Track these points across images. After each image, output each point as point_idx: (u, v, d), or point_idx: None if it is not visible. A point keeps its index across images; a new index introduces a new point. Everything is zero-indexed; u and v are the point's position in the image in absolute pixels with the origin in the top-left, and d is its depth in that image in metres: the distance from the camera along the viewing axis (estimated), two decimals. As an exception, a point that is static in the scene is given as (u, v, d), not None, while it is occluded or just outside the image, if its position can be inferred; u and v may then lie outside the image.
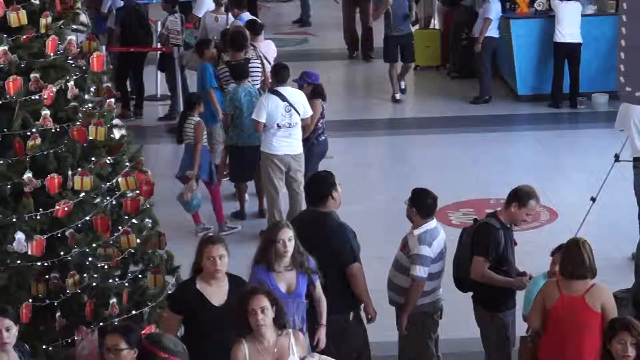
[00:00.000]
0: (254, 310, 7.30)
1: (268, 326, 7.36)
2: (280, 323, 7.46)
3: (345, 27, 21.29)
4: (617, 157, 12.42)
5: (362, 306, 9.33)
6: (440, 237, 9.26)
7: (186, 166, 13.25)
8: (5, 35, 8.93)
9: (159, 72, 18.63)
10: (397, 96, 18.24)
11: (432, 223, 9.26)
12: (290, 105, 12.91)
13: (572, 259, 8.36)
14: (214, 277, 8.15)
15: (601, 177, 12.50)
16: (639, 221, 12.26)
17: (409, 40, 17.94)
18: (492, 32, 18.12)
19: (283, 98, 12.91)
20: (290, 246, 8.47)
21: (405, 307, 9.22)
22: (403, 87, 18.11)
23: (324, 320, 8.83)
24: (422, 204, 9.26)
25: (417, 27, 19.82)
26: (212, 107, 14.50)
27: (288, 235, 8.45)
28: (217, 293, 8.15)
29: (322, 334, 8.80)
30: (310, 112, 13.17)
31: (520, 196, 9.23)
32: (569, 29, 17.54)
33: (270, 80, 14.11)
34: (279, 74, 13.26)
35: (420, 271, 9.09)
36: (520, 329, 9.18)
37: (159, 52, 18.30)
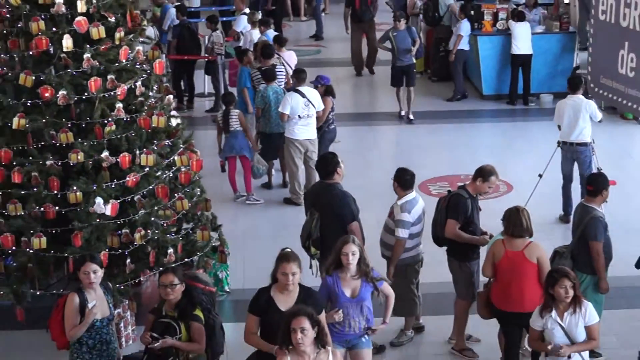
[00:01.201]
0: (294, 330, 6.56)
1: (307, 345, 6.59)
2: (321, 342, 6.69)
3: (353, 53, 20.63)
4: (559, 144, 12.39)
5: None
6: (419, 205, 9.20)
7: (230, 148, 13.20)
8: (88, 46, 8.99)
9: (205, 75, 18.61)
10: (403, 112, 17.29)
11: (412, 194, 9.19)
12: (309, 101, 12.92)
13: (513, 222, 8.35)
14: (286, 290, 7.34)
15: (546, 159, 12.50)
16: (562, 191, 12.29)
17: (411, 69, 17.10)
18: (464, 45, 18.02)
19: (302, 95, 12.93)
20: (353, 259, 7.78)
21: (392, 260, 9.20)
22: (412, 117, 17.03)
23: (387, 319, 8.15)
24: (402, 179, 9.20)
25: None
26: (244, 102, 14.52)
27: (352, 250, 7.79)
28: (285, 300, 7.30)
29: (379, 327, 8.07)
30: (323, 107, 13.19)
31: (484, 173, 9.20)
32: (523, 43, 17.45)
33: (291, 82, 14.10)
34: (299, 76, 13.26)
35: (402, 233, 9.07)
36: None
37: (206, 60, 18.29)
